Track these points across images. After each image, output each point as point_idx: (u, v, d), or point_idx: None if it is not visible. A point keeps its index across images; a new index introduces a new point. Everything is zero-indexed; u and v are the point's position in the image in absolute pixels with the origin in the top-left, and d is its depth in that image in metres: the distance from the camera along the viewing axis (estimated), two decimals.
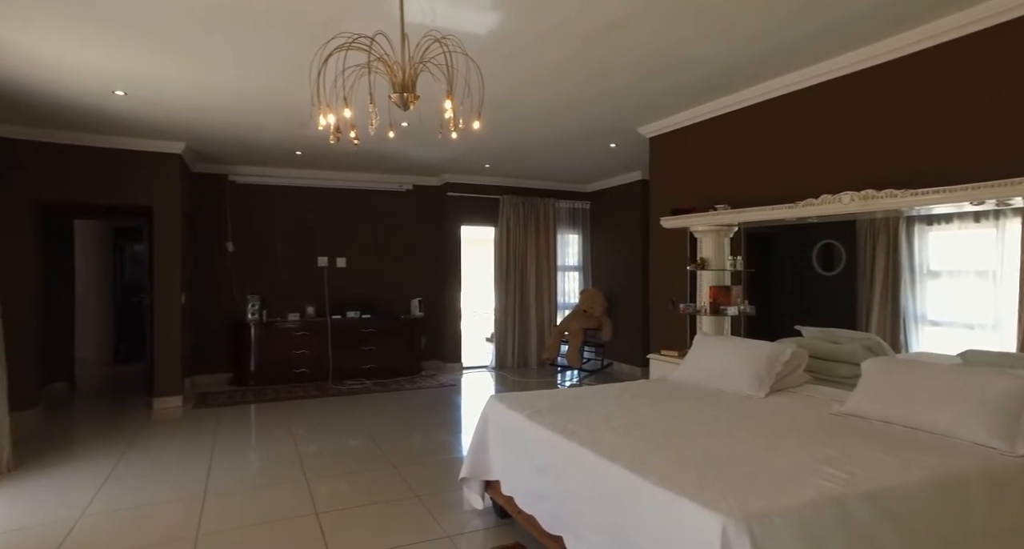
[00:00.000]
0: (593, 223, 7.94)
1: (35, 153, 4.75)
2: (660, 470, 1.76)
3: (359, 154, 5.82)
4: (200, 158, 5.96)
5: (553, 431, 2.25)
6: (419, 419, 4.84)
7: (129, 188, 5.07)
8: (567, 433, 2.19)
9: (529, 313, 7.57)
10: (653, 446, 2.01)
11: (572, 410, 2.57)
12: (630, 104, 4.14)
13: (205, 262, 6.27)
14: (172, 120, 4.47)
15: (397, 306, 7.10)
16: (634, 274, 6.91)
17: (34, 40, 3.01)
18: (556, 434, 2.22)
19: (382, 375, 6.58)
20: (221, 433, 4.33)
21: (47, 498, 3.12)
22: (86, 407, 5.37)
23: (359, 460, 3.72)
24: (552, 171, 6.93)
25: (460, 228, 7.30)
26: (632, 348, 6.93)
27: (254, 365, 6.10)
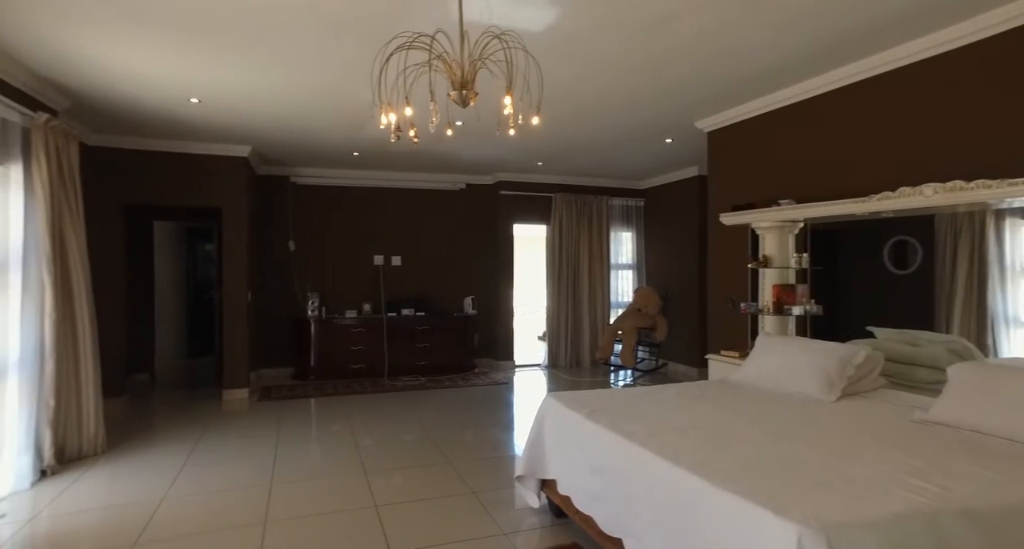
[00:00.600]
0: (647, 220, 7.78)
1: (121, 159, 5.09)
2: (726, 473, 1.69)
3: (414, 154, 5.92)
4: (264, 161, 6.21)
5: (612, 431, 2.21)
6: (473, 416, 4.88)
7: (201, 190, 5.34)
8: (626, 433, 2.14)
9: (582, 312, 7.50)
10: (717, 449, 1.94)
11: (630, 410, 2.51)
12: (688, 98, 4.03)
13: (268, 261, 6.54)
14: (239, 124, 4.68)
15: (450, 304, 7.19)
16: (690, 272, 6.73)
17: (122, 55, 3.23)
18: (615, 434, 2.17)
19: (436, 372, 6.68)
20: (284, 425, 4.50)
21: (134, 479, 3.33)
22: (165, 397, 5.71)
23: (415, 455, 3.78)
24: (605, 168, 6.83)
25: (512, 226, 7.31)
26: (687, 348, 6.75)
27: (314, 360, 6.32)
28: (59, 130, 3.59)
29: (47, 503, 3.02)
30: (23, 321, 3.30)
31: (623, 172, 7.13)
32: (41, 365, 3.40)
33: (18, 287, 3.27)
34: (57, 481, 3.32)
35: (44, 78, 3.59)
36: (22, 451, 3.24)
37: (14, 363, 3.23)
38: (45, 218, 3.41)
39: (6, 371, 3.19)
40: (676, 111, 4.34)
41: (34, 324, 3.36)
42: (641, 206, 7.82)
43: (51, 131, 3.50)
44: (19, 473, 3.20)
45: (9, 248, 3.24)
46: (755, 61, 3.35)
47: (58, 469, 3.47)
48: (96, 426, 3.77)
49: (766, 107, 4.00)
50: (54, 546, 2.61)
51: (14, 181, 3.29)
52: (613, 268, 7.75)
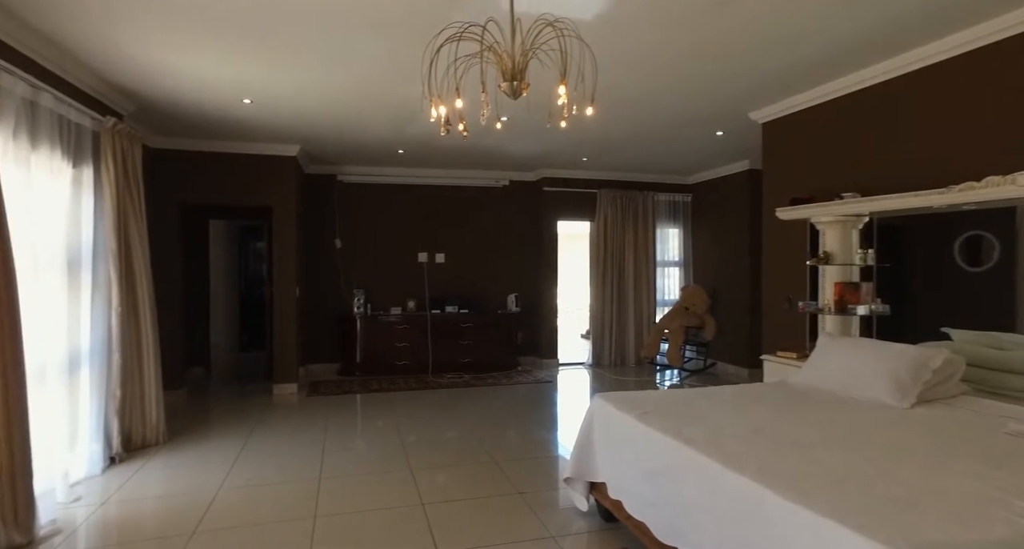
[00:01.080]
0: (695, 216, 7.56)
1: (179, 161, 5.28)
2: (795, 484, 1.58)
3: (458, 150, 5.92)
4: (312, 160, 6.34)
5: (667, 435, 2.12)
6: (517, 415, 4.85)
7: (253, 190, 5.49)
8: (683, 438, 2.05)
9: (627, 310, 7.36)
10: (783, 456, 1.83)
11: (685, 413, 2.41)
12: (741, 88, 3.86)
13: (315, 258, 6.67)
14: (288, 124, 4.77)
15: (494, 301, 7.17)
16: (740, 270, 6.50)
17: (184, 60, 3.35)
18: (671, 438, 2.08)
19: (479, 369, 6.68)
20: (332, 421, 4.57)
21: (192, 470, 3.44)
22: (219, 390, 5.91)
23: (460, 453, 3.77)
24: (652, 163, 6.67)
25: (556, 223, 7.23)
26: (737, 348, 6.53)
27: (360, 357, 6.42)
28: (124, 133, 3.73)
29: (115, 489, 3.15)
30: (93, 315, 3.45)
31: (670, 167, 6.94)
32: (109, 357, 3.55)
33: (88, 283, 3.42)
34: (124, 468, 3.47)
35: (113, 83, 3.74)
36: (94, 439, 3.40)
37: (86, 355, 3.38)
38: (112, 217, 3.56)
39: (80, 363, 3.35)
40: (728, 102, 4.17)
41: (102, 318, 3.52)
42: (688, 202, 7.61)
43: (118, 134, 3.64)
44: (92, 459, 3.36)
45: (82, 246, 3.40)
46: (814, 47, 3.17)
47: (125, 457, 3.62)
48: (157, 417, 3.91)
49: (826, 95, 3.79)
50: (122, 531, 2.72)
51: (85, 183, 3.44)
52: (659, 265, 7.57)
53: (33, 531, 2.55)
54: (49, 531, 2.64)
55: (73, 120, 3.24)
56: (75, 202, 3.32)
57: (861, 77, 3.51)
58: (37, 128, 2.84)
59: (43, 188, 2.93)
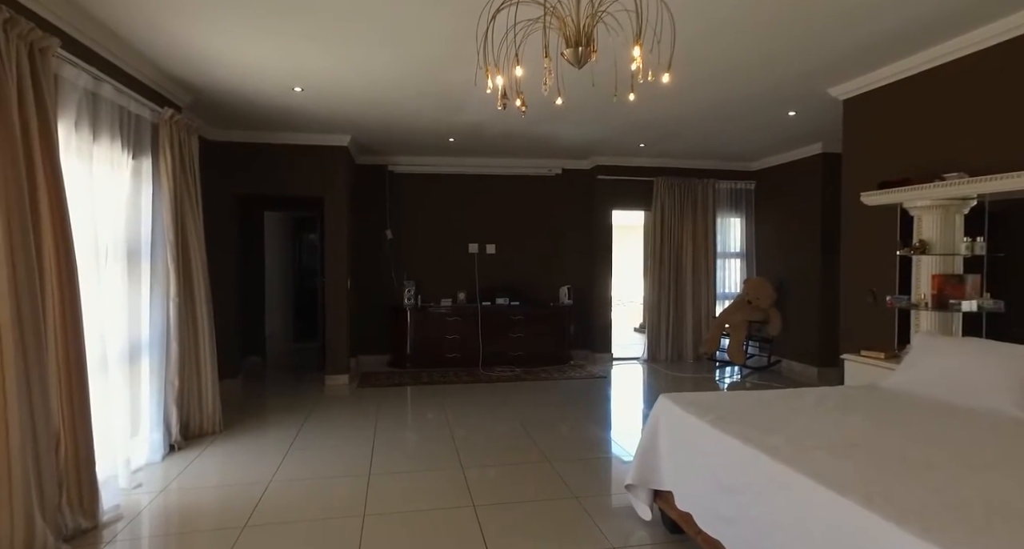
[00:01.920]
0: (759, 205, 7.12)
1: (234, 152, 5.35)
2: (919, 516, 1.32)
3: (509, 138, 5.75)
4: (363, 150, 6.32)
5: (747, 444, 1.89)
6: (571, 411, 4.66)
7: (305, 180, 5.50)
8: (767, 449, 1.82)
9: (684, 303, 7.02)
10: (892, 477, 1.57)
11: (764, 419, 2.17)
12: (820, 61, 3.50)
13: (367, 249, 6.67)
14: (338, 111, 4.72)
15: (546, 293, 6.99)
16: (809, 261, 6.05)
17: (237, 48, 3.32)
18: (751, 448, 1.86)
19: (530, 363, 6.53)
20: (382, 414, 4.53)
21: (245, 460, 3.45)
22: (274, 379, 6.00)
23: (513, 451, 3.63)
24: (714, 148, 6.29)
25: (611, 213, 6.96)
26: (805, 345, 6.10)
27: (410, 349, 6.38)
28: (182, 124, 3.76)
29: (174, 477, 3.19)
30: (152, 306, 3.50)
31: (733, 152, 6.54)
32: (167, 347, 3.60)
33: (147, 274, 3.46)
34: (182, 456, 3.51)
35: (170, 74, 3.77)
36: (154, 427, 3.45)
37: (146, 345, 3.43)
38: (169, 209, 3.59)
39: (140, 353, 3.40)
40: (805, 77, 3.81)
41: (161, 308, 3.56)
42: (752, 189, 7.18)
43: (175, 125, 3.67)
44: (153, 447, 3.42)
45: (141, 237, 3.44)
46: (907, 12, 2.81)
47: (183, 444, 3.67)
48: (214, 406, 3.96)
49: (922, 65, 3.38)
50: (178, 520, 2.74)
51: (144, 174, 3.48)
52: (719, 256, 7.18)
53: (98, 516, 2.59)
54: (112, 517, 2.67)
55: (133, 111, 3.27)
56: (135, 193, 3.36)
57: (963, 43, 3.10)
58: (98, 120, 2.86)
59: (104, 180, 2.96)
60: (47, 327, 2.27)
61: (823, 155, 5.81)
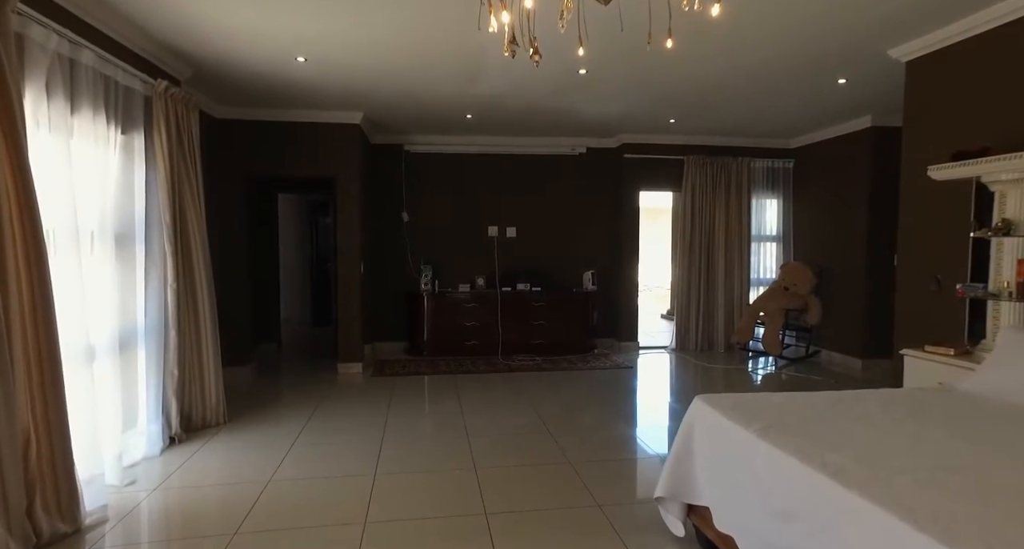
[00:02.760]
0: (797, 184, 6.65)
1: (242, 131, 5.13)
2: None
3: (529, 113, 5.40)
4: (377, 129, 6.04)
5: (807, 464, 1.57)
6: (594, 406, 4.37)
7: (316, 160, 5.26)
8: (834, 471, 1.50)
9: (715, 289, 6.63)
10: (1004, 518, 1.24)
11: (824, 429, 1.84)
12: (883, 14, 3.07)
13: (382, 232, 6.43)
14: (347, 84, 4.43)
15: (568, 278, 6.67)
16: (854, 245, 5.60)
17: (233, 12, 3.03)
18: (814, 470, 1.54)
19: (552, 351, 6.24)
20: (394, 405, 4.30)
21: (246, 457, 3.26)
22: (287, 367, 5.84)
23: (530, 450, 3.36)
24: (750, 124, 5.84)
25: (638, 194, 6.57)
26: (848, 335, 5.68)
27: (427, 335, 6.15)
28: (179, 98, 3.52)
29: (168, 475, 3.00)
30: (147, 292, 3.30)
31: (771, 128, 6.07)
32: (165, 336, 3.41)
33: (142, 259, 3.26)
34: (182, 450, 3.33)
35: (165, 44, 3.53)
36: (152, 419, 3.28)
37: (141, 333, 3.24)
38: (165, 188, 3.37)
39: (135, 341, 3.22)
40: (862, 36, 3.37)
41: (157, 295, 3.36)
42: (790, 168, 6.70)
43: (171, 99, 3.43)
44: (151, 440, 3.25)
45: (135, 220, 3.23)
46: None
47: (184, 437, 3.50)
48: (217, 397, 3.78)
49: (1002, 17, 2.93)
50: (164, 525, 2.58)
51: (137, 151, 3.25)
52: (753, 240, 6.75)
53: (79, 519, 2.40)
54: (97, 518, 2.49)
55: (121, 82, 3.03)
56: (126, 172, 3.14)
57: None
58: (77, 89, 2.62)
59: (86, 156, 2.73)
60: (10, 317, 2.06)
61: (873, 129, 5.32)
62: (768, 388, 5.00)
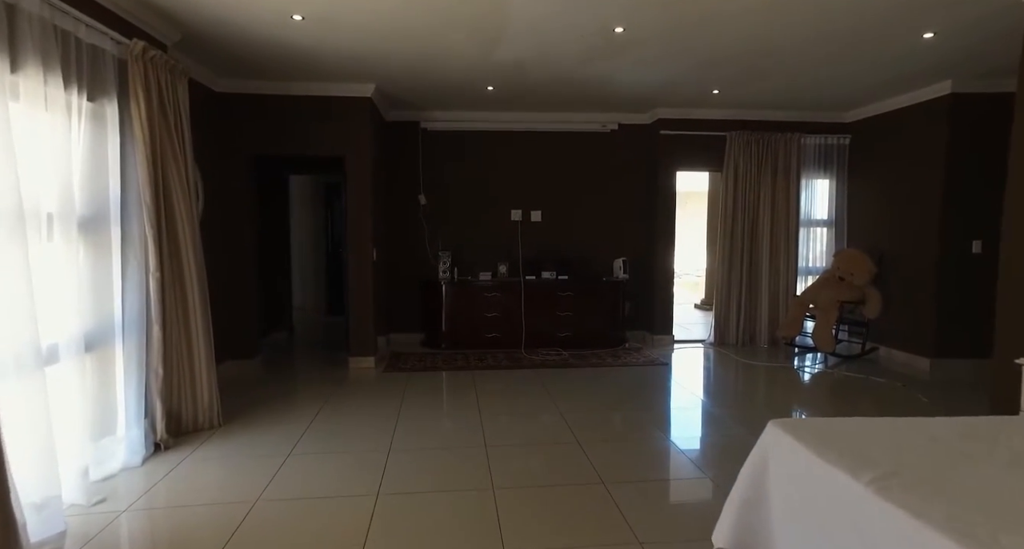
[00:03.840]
0: (853, 163, 6.00)
1: (246, 106, 4.72)
2: None
3: (556, 84, 4.87)
4: (392, 104, 5.58)
5: (965, 545, 1.08)
6: (628, 410, 3.90)
7: (324, 137, 4.83)
8: None
9: (759, 279, 6.06)
10: None
11: (971, 483, 1.35)
12: None
13: (398, 216, 6.01)
14: (355, 50, 3.98)
15: (598, 266, 6.18)
16: (923, 229, 4.97)
17: None
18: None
19: (580, 345, 5.78)
20: (407, 406, 3.91)
21: (235, 468, 2.89)
22: (297, 359, 5.50)
23: (559, 467, 2.92)
24: (803, 94, 5.21)
25: (675, 174, 6.00)
26: (913, 331, 5.08)
27: (445, 327, 5.74)
28: (162, 63, 3.11)
29: (146, 489, 2.64)
30: (125, 282, 2.93)
31: (826, 99, 5.42)
32: (147, 330, 3.04)
33: (117, 244, 2.88)
34: (167, 459, 2.98)
35: (145, 1, 3.11)
36: (132, 423, 2.92)
37: (119, 328, 2.88)
38: (145, 165, 2.98)
39: (113, 337, 2.85)
40: None
41: (137, 285, 2.99)
42: (846, 145, 6.04)
43: (151, 63, 3.02)
44: (131, 447, 2.90)
45: (109, 198, 2.85)
46: None
47: (172, 443, 3.15)
48: (210, 397, 3.42)
49: None
50: None
51: (110, 121, 2.86)
52: (801, 225, 6.13)
53: None
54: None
55: (84, 39, 2.62)
56: (96, 145, 2.74)
57: None
58: (18, 41, 2.20)
59: (40, 124, 2.34)
60: None
61: (952, 97, 4.65)
62: (824, 389, 4.46)
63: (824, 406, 4.08)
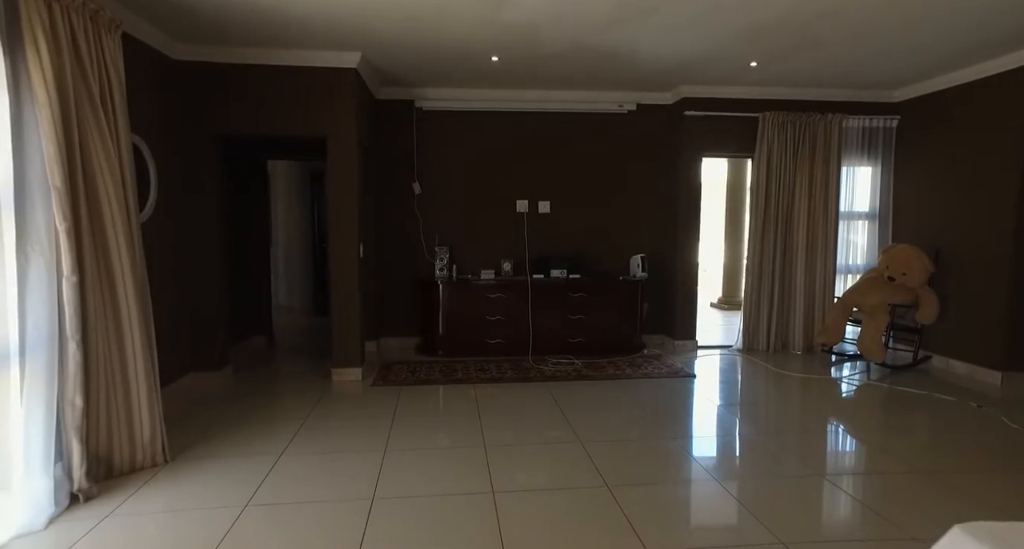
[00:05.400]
0: (903, 148, 5.34)
1: (207, 77, 4.03)
2: None
3: (572, 55, 4.20)
4: (383, 80, 4.90)
5: None
6: (660, 438, 3.25)
7: (302, 115, 4.15)
8: None
9: (793, 278, 5.42)
10: None
11: None
12: None
13: (389, 206, 5.34)
14: (335, 8, 3.30)
15: (613, 264, 5.54)
16: (992, 225, 4.33)
17: None
18: None
19: (593, 352, 5.14)
20: (396, 435, 3.26)
21: (170, 530, 2.24)
22: (276, 368, 4.83)
23: (575, 520, 2.28)
24: (852, 70, 4.54)
25: (700, 160, 5.34)
26: (978, 339, 4.46)
27: (443, 331, 5.08)
28: (76, 6, 2.44)
29: None
30: (27, 288, 2.27)
31: (873, 76, 4.76)
32: (61, 349, 2.38)
33: (11, 238, 2.22)
34: (85, 515, 2.33)
35: None
36: (36, 473, 2.26)
37: (13, 348, 2.22)
38: (53, 135, 2.30)
39: (5, 360, 2.20)
40: None
41: (45, 292, 2.32)
42: (893, 127, 5.38)
43: (61, 6, 2.35)
44: (34, 504, 2.23)
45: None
46: None
47: (96, 492, 2.49)
48: (152, 428, 2.77)
49: None
50: None
51: None
52: (841, 218, 5.48)
53: None
54: None
55: None
56: None
57: None
58: None
59: None
60: None
61: None
62: (883, 410, 3.81)
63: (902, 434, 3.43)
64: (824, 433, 3.41)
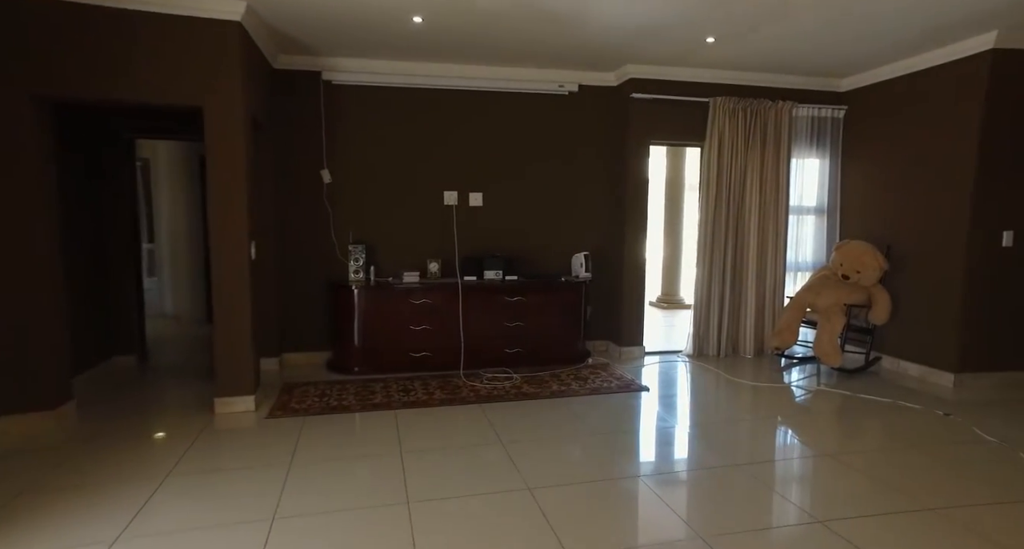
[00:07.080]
0: (850, 139, 5.11)
1: (19, 17, 3.04)
2: None
3: (508, 19, 3.56)
4: (281, 45, 4.05)
5: None
6: (620, 469, 2.69)
7: (166, 76, 3.24)
8: None
9: (744, 278, 5.08)
10: None
11: None
12: None
13: (293, 198, 4.50)
14: None
15: (554, 263, 4.98)
16: (943, 219, 4.12)
17: None
18: None
19: (534, 362, 4.56)
20: (293, 489, 2.52)
21: None
22: (143, 396, 3.88)
23: None
24: (802, 52, 4.20)
25: (648, 147, 4.87)
26: (930, 340, 4.26)
27: (359, 343, 4.32)
28: None
29: None
30: None
31: (821, 62, 4.46)
32: None
33: None
34: None
35: None
36: None
37: None
38: None
39: None
40: None
41: None
42: (840, 118, 5.15)
43: None
44: None
45: None
46: None
47: None
48: None
49: None
50: None
51: None
52: (791, 212, 5.20)
53: None
54: None
55: None
56: None
57: None
58: None
59: None
60: None
61: (993, 53, 3.77)
62: (856, 425, 3.47)
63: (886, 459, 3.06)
64: (808, 464, 2.99)
